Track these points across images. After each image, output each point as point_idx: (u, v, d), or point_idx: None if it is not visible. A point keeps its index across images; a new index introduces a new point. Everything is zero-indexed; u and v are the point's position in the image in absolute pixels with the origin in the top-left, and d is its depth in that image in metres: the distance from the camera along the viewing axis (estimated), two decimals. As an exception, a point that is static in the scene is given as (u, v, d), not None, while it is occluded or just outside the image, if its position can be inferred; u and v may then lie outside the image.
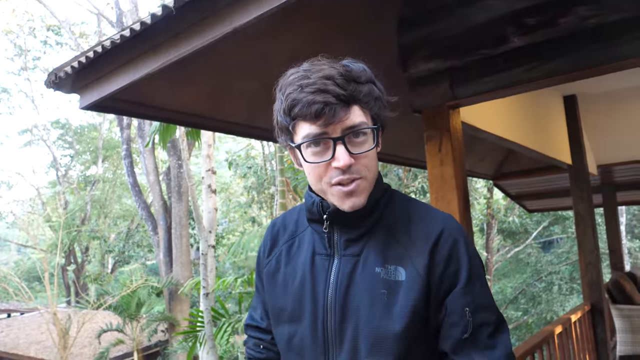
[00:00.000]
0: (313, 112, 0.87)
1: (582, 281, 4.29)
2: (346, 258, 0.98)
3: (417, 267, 0.92)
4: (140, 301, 11.91)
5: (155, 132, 6.22)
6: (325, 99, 0.87)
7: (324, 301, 0.97)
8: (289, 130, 0.94)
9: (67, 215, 16.95)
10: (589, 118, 4.72)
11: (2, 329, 15.76)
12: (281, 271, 1.06)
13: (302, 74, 0.91)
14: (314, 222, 1.03)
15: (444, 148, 2.22)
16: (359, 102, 0.91)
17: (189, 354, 6.81)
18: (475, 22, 2.10)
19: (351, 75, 0.91)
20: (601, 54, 1.85)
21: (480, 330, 0.91)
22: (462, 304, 0.91)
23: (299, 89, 0.89)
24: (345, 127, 0.89)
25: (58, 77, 2.06)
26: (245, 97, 2.64)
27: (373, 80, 0.96)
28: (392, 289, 0.92)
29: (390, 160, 4.37)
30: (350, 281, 0.96)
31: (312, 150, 0.92)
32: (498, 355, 0.91)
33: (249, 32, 1.99)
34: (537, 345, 3.20)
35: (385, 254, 0.95)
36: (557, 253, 17.35)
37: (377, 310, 0.92)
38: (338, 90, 0.87)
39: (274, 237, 1.13)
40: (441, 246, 0.93)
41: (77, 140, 23.19)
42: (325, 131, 0.89)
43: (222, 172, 20.46)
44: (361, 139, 0.92)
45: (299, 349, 0.99)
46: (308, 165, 0.95)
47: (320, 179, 0.94)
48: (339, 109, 0.88)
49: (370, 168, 0.94)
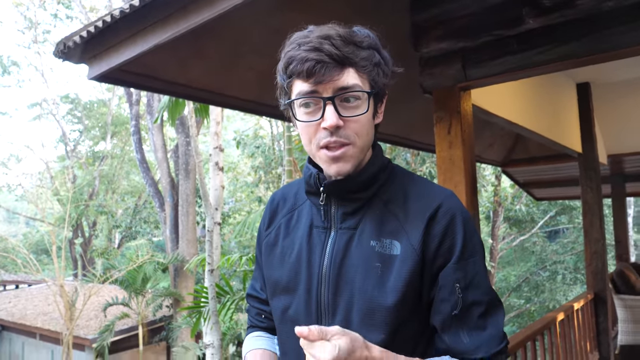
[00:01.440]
0: (305, 69, 0.86)
1: (587, 270, 4.28)
2: (343, 231, 0.97)
3: (412, 241, 0.91)
4: (146, 276, 12.06)
5: (164, 109, 6.22)
6: (319, 57, 0.86)
7: (318, 273, 0.97)
8: (285, 89, 0.94)
9: (75, 189, 17.12)
10: (601, 107, 4.66)
11: (11, 300, 16.07)
12: (279, 244, 1.07)
13: (303, 34, 0.91)
14: (311, 195, 1.03)
15: (453, 130, 2.20)
16: (355, 65, 0.90)
17: (193, 329, 6.91)
18: (490, 2, 2.06)
19: (351, 38, 0.90)
20: (618, 38, 1.81)
21: (470, 309, 0.90)
22: (453, 280, 0.90)
23: (297, 47, 0.89)
24: (337, 88, 0.88)
25: (67, 46, 2.06)
26: (255, 73, 2.62)
27: (376, 47, 0.95)
28: (387, 262, 0.92)
29: (398, 142, 4.34)
30: (345, 254, 0.95)
31: (304, 110, 0.92)
32: (487, 336, 0.90)
33: (260, 5, 1.97)
34: (538, 332, 3.21)
35: (382, 227, 0.95)
36: (562, 243, 17.30)
37: (370, 283, 0.91)
38: (332, 50, 0.87)
39: (274, 210, 1.13)
40: (437, 221, 0.92)
41: (87, 116, 23.25)
42: (317, 89, 0.89)
43: (230, 152, 20.49)
44: (353, 103, 0.91)
45: (293, 320, 0.99)
46: (300, 125, 0.94)
47: (310, 139, 0.93)
48: (332, 68, 0.87)
49: (360, 134, 0.92)
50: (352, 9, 2.26)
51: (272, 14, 2.07)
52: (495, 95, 2.83)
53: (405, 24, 2.31)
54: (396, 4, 2.36)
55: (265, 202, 10.64)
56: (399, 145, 5.33)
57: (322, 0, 2.15)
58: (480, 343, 0.89)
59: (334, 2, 2.20)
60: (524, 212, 15.35)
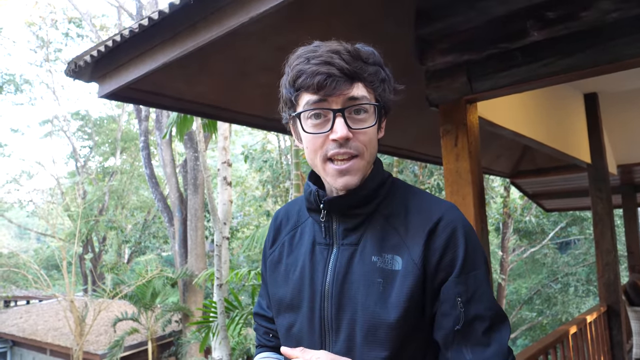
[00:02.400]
0: (315, 82, 0.87)
1: (599, 282, 4.22)
2: (344, 247, 0.97)
3: (413, 256, 0.91)
4: (155, 291, 12.08)
5: (173, 124, 6.28)
6: (329, 71, 0.87)
7: (321, 290, 0.96)
8: (292, 102, 0.95)
9: (85, 205, 17.24)
10: (609, 117, 4.63)
11: (22, 315, 16.12)
12: (283, 261, 1.06)
13: (311, 48, 0.92)
14: (312, 212, 1.03)
15: (460, 143, 2.20)
16: (364, 80, 0.91)
17: (201, 345, 6.89)
18: (494, 15, 2.08)
19: (358, 54, 0.91)
20: (623, 49, 1.82)
21: (473, 324, 0.88)
22: (455, 294, 0.89)
23: (306, 61, 0.90)
24: (346, 100, 0.90)
25: (78, 65, 2.09)
26: (262, 89, 2.65)
27: (381, 64, 0.96)
28: (388, 278, 0.91)
29: (405, 155, 4.35)
30: (347, 270, 0.95)
31: (312, 122, 0.92)
32: (491, 353, 0.87)
33: (266, 23, 2.00)
34: (551, 345, 3.16)
35: (383, 243, 0.94)
36: (574, 254, 17.10)
37: (372, 299, 0.90)
38: (343, 64, 0.88)
39: (277, 227, 1.13)
40: (438, 234, 0.91)
41: (96, 132, 23.50)
42: (326, 104, 0.90)
43: (238, 166, 20.57)
44: (362, 116, 0.92)
45: (297, 338, 0.99)
46: (306, 137, 0.94)
47: (316, 152, 0.93)
48: (342, 82, 0.88)
49: (368, 147, 0.93)
50: (357, 24, 2.29)
51: (278, 32, 2.10)
52: (502, 107, 2.83)
53: (410, 38, 2.33)
54: (401, 19, 2.38)
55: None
56: (406, 158, 5.34)
57: (327, 16, 2.18)
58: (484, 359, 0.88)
59: (338, 19, 2.22)
60: (534, 224, 15.20)
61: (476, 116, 2.29)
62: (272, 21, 2.04)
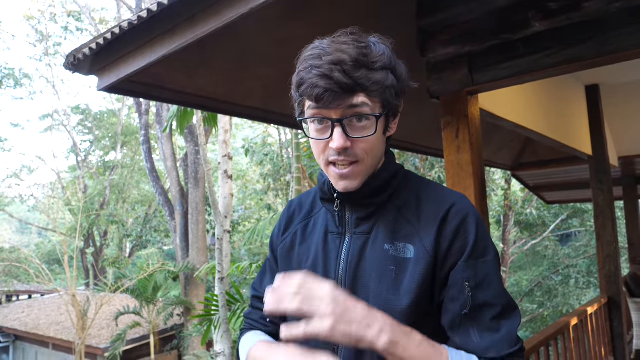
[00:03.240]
0: (314, 95, 0.88)
1: (600, 274, 4.23)
2: (357, 236, 1.00)
3: (424, 243, 0.93)
4: (156, 285, 12.11)
5: (173, 118, 6.27)
6: (327, 86, 0.87)
7: (334, 278, 0.98)
8: (298, 103, 0.97)
9: (86, 199, 17.26)
10: (611, 108, 4.62)
11: (24, 310, 16.21)
12: (296, 250, 1.09)
13: (317, 52, 0.91)
14: (326, 202, 1.06)
15: (461, 135, 2.19)
16: (366, 90, 0.90)
17: (203, 338, 6.91)
18: (496, 6, 2.06)
19: (365, 60, 0.89)
20: (626, 39, 1.80)
21: (482, 310, 0.90)
22: (462, 278, 0.90)
23: (309, 69, 0.90)
24: (346, 109, 0.90)
25: (77, 58, 2.08)
26: (262, 82, 2.64)
27: (391, 66, 0.94)
28: (401, 265, 0.93)
29: (406, 148, 4.34)
30: (360, 258, 0.97)
31: (315, 127, 0.94)
32: (499, 337, 0.88)
33: (266, 15, 1.98)
34: (552, 337, 3.17)
35: (395, 232, 0.96)
36: (575, 246, 17.11)
37: (385, 286, 0.93)
38: (342, 79, 0.87)
39: (290, 216, 1.15)
40: (449, 221, 0.93)
41: (97, 126, 23.48)
42: (326, 113, 0.91)
43: (239, 160, 20.57)
44: (363, 123, 0.92)
45: None
46: (311, 140, 0.98)
47: (319, 155, 0.97)
48: (340, 95, 0.88)
49: (369, 153, 0.94)
50: (357, 16, 2.27)
51: (277, 24, 2.08)
52: (503, 99, 2.82)
53: (411, 29, 2.31)
54: (402, 10, 2.36)
55: (275, 210, 10.64)
56: (407, 151, 5.33)
57: (327, 9, 2.16)
58: (491, 343, 0.88)
59: (338, 11, 2.20)
60: (535, 216, 15.20)
61: (477, 108, 2.28)
62: (272, 13, 2.02)
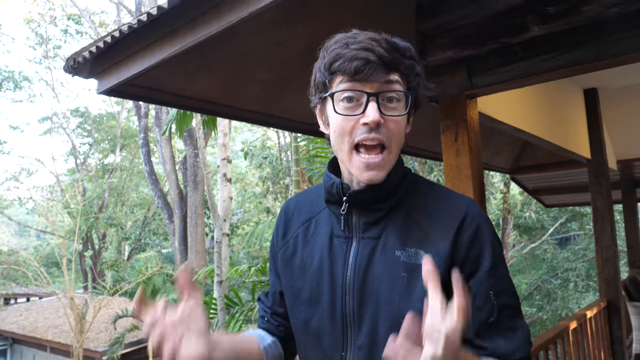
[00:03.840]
0: (353, 67, 0.88)
1: (599, 277, 4.23)
2: (365, 241, 0.97)
3: (439, 250, 0.91)
4: (155, 288, 12.11)
5: (172, 121, 6.27)
6: (368, 57, 0.88)
7: (342, 284, 0.96)
8: (325, 85, 0.94)
9: (85, 202, 17.24)
10: (609, 112, 4.63)
11: (22, 313, 16.16)
12: (298, 254, 1.06)
13: (350, 35, 0.93)
14: (332, 204, 1.02)
15: (460, 138, 2.20)
16: (400, 71, 0.92)
17: (202, 341, 6.87)
18: (494, 10, 2.07)
19: (397, 46, 0.92)
20: (623, 43, 1.81)
21: (502, 314, 0.91)
22: (487, 287, 0.90)
23: (345, 46, 0.90)
24: (382, 86, 0.90)
25: (76, 62, 2.09)
26: (261, 85, 2.65)
27: (416, 59, 0.97)
28: (413, 272, 0.91)
29: (405, 150, 4.34)
30: (369, 263, 0.95)
31: (345, 105, 0.92)
32: (519, 337, 0.91)
33: (266, 18, 1.99)
34: (551, 341, 3.17)
35: (405, 237, 0.94)
36: (574, 250, 17.10)
37: (397, 293, 0.91)
38: (382, 52, 0.88)
39: (288, 219, 1.12)
40: (465, 229, 0.92)
41: (96, 129, 23.48)
42: (360, 87, 0.90)
43: (238, 163, 20.56)
44: (394, 104, 0.92)
45: (317, 332, 0.98)
46: (336, 120, 0.93)
47: (343, 136, 0.92)
48: (379, 69, 0.88)
49: (396, 137, 0.93)
50: (356, 19, 2.28)
51: (277, 27, 2.09)
52: (502, 102, 2.83)
53: (410, 32, 2.32)
54: (401, 13, 2.37)
55: (274, 213, 10.58)
56: (406, 154, 5.33)
57: (326, 12, 2.17)
58: (516, 345, 0.90)
59: (337, 14, 2.21)
60: (534, 219, 15.21)
61: (476, 111, 2.29)
62: (272, 17, 2.03)
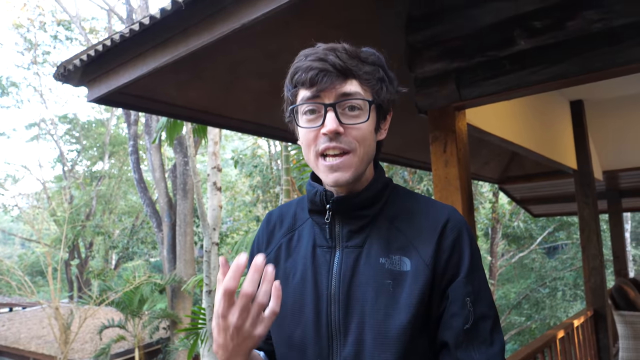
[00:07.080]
0: (308, 77, 0.90)
1: (586, 286, 4.27)
2: (349, 249, 0.97)
3: (423, 256, 0.92)
4: (142, 298, 11.96)
5: (162, 129, 6.26)
6: (322, 66, 0.90)
7: (327, 293, 0.95)
8: (290, 99, 0.97)
9: (72, 210, 17.06)
10: (595, 123, 4.71)
11: (4, 323, 15.85)
12: (281, 265, 1.04)
13: (312, 48, 0.96)
14: (315, 214, 1.02)
15: (449, 149, 2.23)
16: (358, 78, 0.93)
17: (190, 352, 6.83)
18: (482, 24, 2.11)
19: (356, 53, 0.94)
20: (607, 57, 1.85)
21: (479, 324, 0.91)
22: (464, 294, 0.91)
23: (304, 59, 0.93)
24: (339, 95, 0.91)
25: (67, 69, 2.09)
26: (253, 95, 2.66)
27: (381, 65, 0.98)
28: (398, 279, 0.91)
29: (395, 161, 4.37)
30: (354, 272, 0.95)
31: (307, 118, 0.94)
32: (496, 351, 0.91)
33: (257, 30, 2.00)
34: (539, 350, 3.19)
35: (389, 244, 0.95)
36: (561, 259, 17.26)
37: (382, 301, 0.91)
38: (336, 60, 0.90)
39: (271, 230, 1.11)
40: (446, 235, 0.94)
41: (84, 136, 23.29)
42: (319, 97, 0.92)
43: (228, 171, 20.51)
44: (355, 112, 0.93)
45: (301, 344, 0.96)
46: (301, 132, 0.97)
47: (309, 147, 0.95)
48: (334, 78, 0.90)
49: (361, 142, 0.93)
50: (347, 31, 2.31)
51: (268, 38, 2.11)
52: (490, 114, 2.87)
53: (400, 45, 2.35)
54: (391, 26, 2.41)
55: (263, 221, 10.56)
56: (396, 164, 5.37)
57: (316, 23, 2.19)
58: (491, 357, 0.90)
59: (329, 25, 2.24)
60: (522, 229, 15.35)
61: (465, 123, 2.32)
62: (263, 27, 2.05)
